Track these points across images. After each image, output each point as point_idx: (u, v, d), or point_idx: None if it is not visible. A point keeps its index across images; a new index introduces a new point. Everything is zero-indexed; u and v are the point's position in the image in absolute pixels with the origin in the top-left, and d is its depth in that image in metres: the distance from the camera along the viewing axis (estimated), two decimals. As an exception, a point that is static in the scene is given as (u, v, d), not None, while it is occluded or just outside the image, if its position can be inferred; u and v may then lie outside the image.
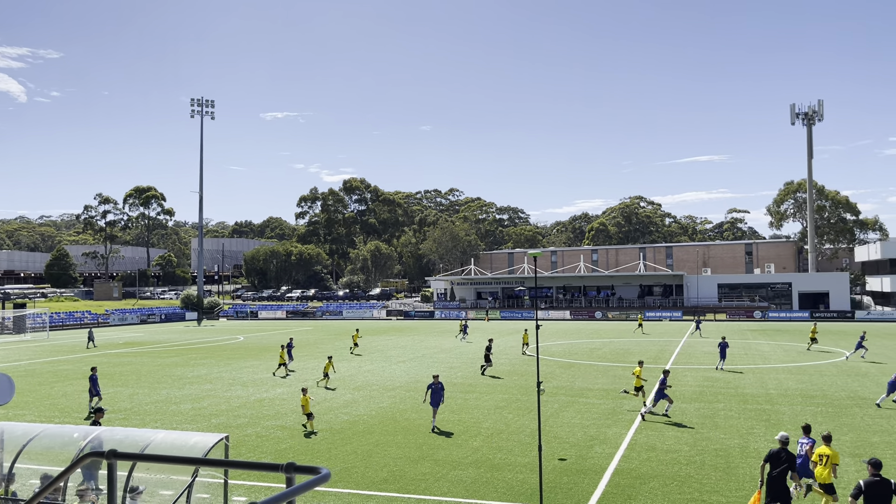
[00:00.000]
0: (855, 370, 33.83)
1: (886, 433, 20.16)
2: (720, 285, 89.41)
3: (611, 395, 27.41)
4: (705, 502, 14.28)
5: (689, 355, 41.45)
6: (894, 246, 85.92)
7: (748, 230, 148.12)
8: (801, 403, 25.01)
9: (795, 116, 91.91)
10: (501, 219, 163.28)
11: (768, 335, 56.67)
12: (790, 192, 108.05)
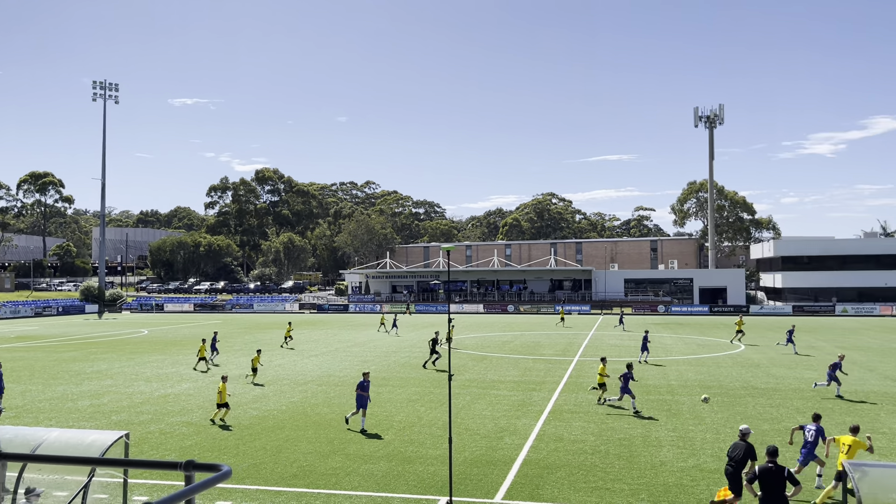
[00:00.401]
0: (749, 362, 35.75)
1: (776, 421, 21.41)
2: (627, 280, 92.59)
3: (521, 386, 27.95)
4: (609, 490, 14.78)
5: (596, 348, 42.74)
6: (786, 245, 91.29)
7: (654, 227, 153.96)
8: (700, 393, 26.20)
9: (699, 119, 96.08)
10: (418, 213, 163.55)
11: (671, 328, 59.12)
12: (693, 191, 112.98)
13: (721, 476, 15.67)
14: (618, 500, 14.16)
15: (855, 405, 23.84)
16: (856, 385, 27.99)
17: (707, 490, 14.70)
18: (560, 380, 29.75)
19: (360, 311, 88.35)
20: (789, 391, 26.64)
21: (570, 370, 32.75)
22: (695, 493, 14.56)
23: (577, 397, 25.48)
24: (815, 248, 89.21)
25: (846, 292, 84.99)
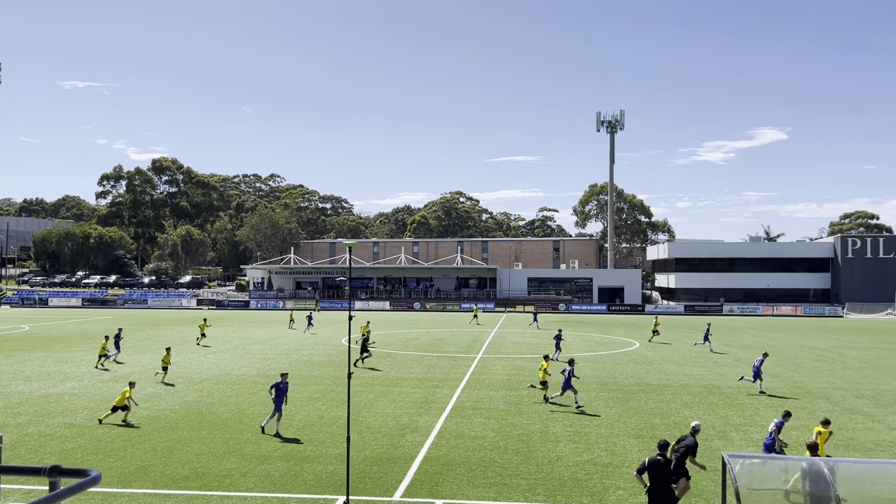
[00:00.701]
0: (643, 359, 37.21)
1: (665, 415, 22.35)
2: (530, 279, 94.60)
3: (424, 384, 28.00)
4: (506, 485, 14.98)
5: (500, 345, 43.41)
6: (679, 247, 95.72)
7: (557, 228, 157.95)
8: (596, 389, 27.05)
9: (601, 124, 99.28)
10: (324, 207, 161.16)
11: (571, 326, 60.79)
12: (594, 193, 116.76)
13: (613, 469, 16.19)
14: (515, 495, 14.37)
15: (737, 400, 25.20)
16: (737, 380, 29.60)
17: (600, 483, 15.14)
18: (463, 377, 30.00)
19: (262, 307, 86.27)
20: (678, 387, 27.89)
21: (472, 367, 33.08)
22: (588, 486, 14.96)
23: (480, 394, 25.76)
24: (706, 250, 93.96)
25: (733, 293, 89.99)
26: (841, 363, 35.88)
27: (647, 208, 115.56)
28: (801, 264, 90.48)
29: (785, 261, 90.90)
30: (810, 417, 22.10)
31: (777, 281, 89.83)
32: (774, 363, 35.55)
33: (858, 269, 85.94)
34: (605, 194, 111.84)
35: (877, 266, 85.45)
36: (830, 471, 10.80)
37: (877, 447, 18.49)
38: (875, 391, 27.27)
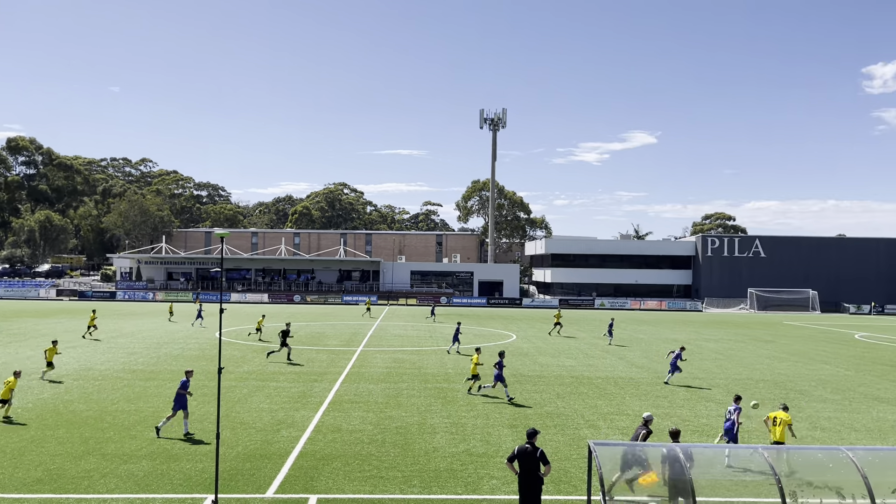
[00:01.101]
0: (519, 350, 38.28)
1: (539, 405, 23.10)
2: (413, 272, 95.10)
3: (302, 378, 27.50)
4: (383, 478, 14.98)
5: (381, 339, 43.35)
6: (556, 243, 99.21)
7: (440, 222, 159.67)
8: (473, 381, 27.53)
9: (484, 121, 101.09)
10: (200, 195, 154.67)
11: (452, 319, 61.61)
12: (476, 189, 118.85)
13: (488, 459, 16.56)
14: (391, 487, 14.39)
15: (605, 390, 26.42)
16: (606, 371, 31.08)
17: (475, 473, 15.44)
18: (342, 370, 29.72)
19: (130, 298, 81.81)
20: (552, 378, 28.90)
21: (353, 360, 32.84)
22: (463, 476, 15.22)
23: (359, 387, 25.60)
24: (580, 247, 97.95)
25: (604, 287, 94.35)
26: (699, 354, 38.41)
27: (527, 205, 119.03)
28: (666, 261, 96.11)
29: (652, 258, 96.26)
30: (671, 406, 23.52)
31: (644, 277, 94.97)
32: (640, 355, 37.56)
33: (717, 266, 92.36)
34: (487, 190, 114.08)
35: (732, 264, 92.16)
36: (686, 456, 11.52)
37: (727, 432, 19.92)
38: (727, 380, 29.39)
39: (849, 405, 24.28)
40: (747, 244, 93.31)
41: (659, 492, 12.53)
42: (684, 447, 11.96)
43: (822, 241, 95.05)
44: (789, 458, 12.36)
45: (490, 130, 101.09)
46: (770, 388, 27.49)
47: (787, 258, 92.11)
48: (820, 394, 26.46)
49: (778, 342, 46.45)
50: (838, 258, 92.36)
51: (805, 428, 20.47)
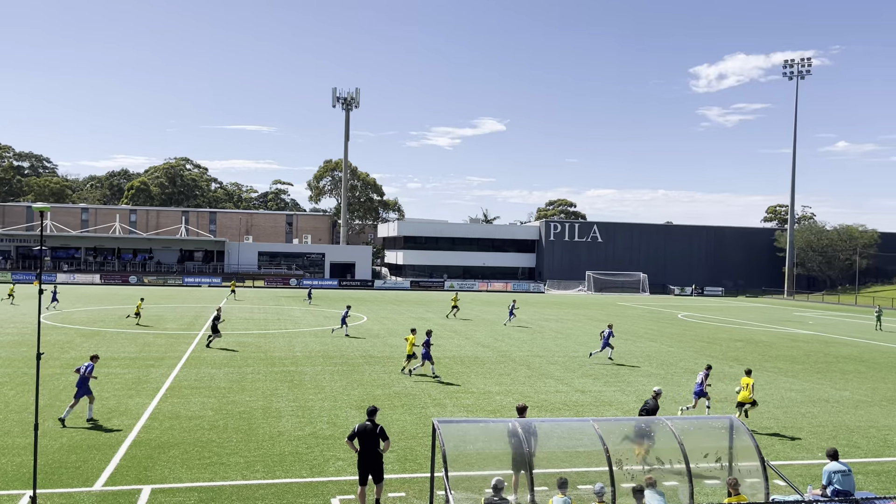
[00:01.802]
0: (369, 332, 38.30)
1: (387, 386, 23.25)
2: (261, 253, 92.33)
3: (137, 363, 25.93)
4: (224, 464, 14.46)
5: (225, 321, 41.78)
6: (408, 226, 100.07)
7: (291, 202, 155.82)
8: (322, 364, 27.26)
9: (336, 100, 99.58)
10: (21, 166, 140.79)
11: (301, 301, 60.54)
12: (329, 169, 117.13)
13: (335, 441, 16.45)
14: (232, 474, 13.93)
15: (451, 369, 27.04)
16: (453, 351, 31.84)
17: (321, 455, 15.28)
18: (182, 355, 28.34)
19: (-63, 279, 73.29)
20: (401, 359, 29.15)
21: (194, 344, 31.41)
22: (309, 459, 15.02)
23: (200, 372, 24.53)
24: (432, 230, 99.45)
25: (454, 270, 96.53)
26: (540, 334, 40.28)
27: (380, 187, 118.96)
28: (512, 245, 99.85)
29: (499, 241, 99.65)
30: (513, 383, 24.50)
31: (492, 259, 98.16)
32: (486, 335, 38.80)
33: (558, 250, 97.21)
34: (339, 171, 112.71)
35: (573, 248, 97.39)
36: (526, 430, 12.02)
37: (564, 407, 21.08)
38: (566, 358, 31.06)
39: (671, 378, 26.44)
40: (586, 229, 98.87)
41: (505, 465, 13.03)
42: (525, 422, 12.48)
43: (653, 228, 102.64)
44: (618, 429, 13.26)
45: (343, 110, 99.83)
46: (603, 364, 29.35)
47: (621, 243, 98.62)
48: (647, 369, 28.61)
49: (611, 321, 49.72)
50: (666, 244, 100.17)
51: (633, 401, 22.06)
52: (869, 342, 40.24)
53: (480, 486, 12.83)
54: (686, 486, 11.60)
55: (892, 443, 17.85)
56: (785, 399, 23.00)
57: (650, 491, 11.13)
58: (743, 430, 12.30)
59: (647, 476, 11.44)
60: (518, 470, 12.62)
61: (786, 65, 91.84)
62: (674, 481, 12.78)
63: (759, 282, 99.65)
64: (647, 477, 11.42)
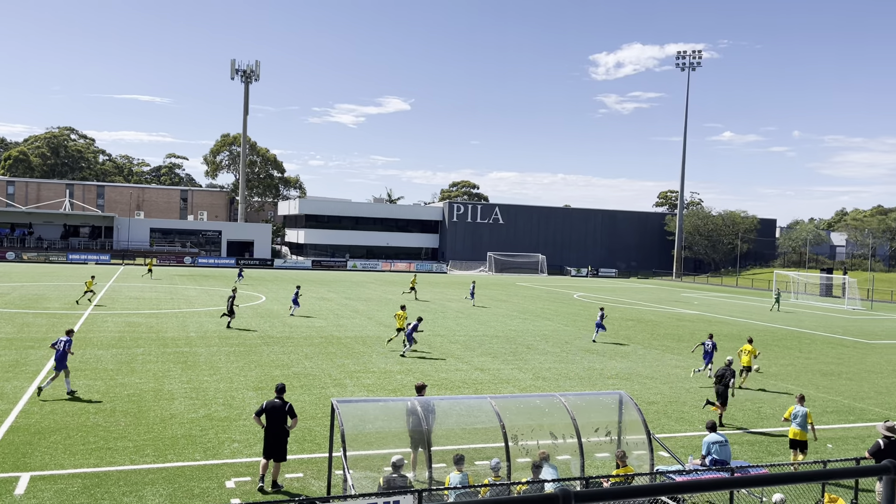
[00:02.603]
0: (269, 312, 37.50)
1: (286, 366, 22.88)
2: (153, 229, 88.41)
3: (15, 345, 24.36)
4: (111, 449, 13.85)
5: (113, 301, 39.87)
6: (310, 204, 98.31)
7: (186, 177, 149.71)
8: (218, 344, 26.50)
9: (235, 72, 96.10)
10: None
11: (196, 280, 58.50)
12: (226, 144, 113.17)
13: (230, 423, 16.06)
14: (120, 458, 13.36)
15: (353, 349, 26.92)
16: (355, 331, 31.68)
17: (216, 438, 14.88)
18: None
19: None
20: (301, 339, 28.77)
21: (78, 324, 29.79)
22: (202, 442, 14.60)
23: (85, 353, 23.30)
24: (335, 208, 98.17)
25: (357, 249, 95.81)
26: (442, 314, 40.67)
27: (281, 163, 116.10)
28: (416, 225, 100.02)
29: (403, 221, 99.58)
30: (414, 362, 24.64)
31: (396, 239, 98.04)
32: (388, 315, 38.79)
33: (461, 231, 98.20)
34: (238, 145, 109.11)
35: (475, 229, 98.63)
36: (425, 408, 12.13)
37: (464, 385, 21.42)
38: (466, 337, 31.52)
39: (566, 357, 27.35)
40: (488, 211, 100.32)
41: (404, 443, 13.11)
42: (424, 401, 12.59)
43: (551, 211, 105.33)
44: (515, 405, 13.60)
45: (242, 83, 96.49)
46: (502, 343, 30.00)
47: (521, 225, 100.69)
48: (543, 347, 29.46)
49: (511, 301, 50.76)
50: (563, 226, 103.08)
51: (529, 378, 22.68)
52: (747, 321, 42.98)
53: (380, 465, 12.87)
54: (578, 459, 12.06)
55: (765, 414, 19.19)
56: (670, 375, 24.26)
57: (545, 465, 11.50)
58: (631, 405, 12.89)
59: (542, 451, 11.80)
60: (417, 448, 12.75)
61: (678, 56, 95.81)
62: (567, 455, 13.25)
63: (651, 264, 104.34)
64: (541, 452, 11.78)
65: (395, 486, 10.48)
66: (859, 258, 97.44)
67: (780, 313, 49.01)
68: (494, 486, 10.63)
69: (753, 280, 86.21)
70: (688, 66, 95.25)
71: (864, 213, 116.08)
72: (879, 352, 31.71)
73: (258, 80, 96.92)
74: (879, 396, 22.00)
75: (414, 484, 11.71)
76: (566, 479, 11.32)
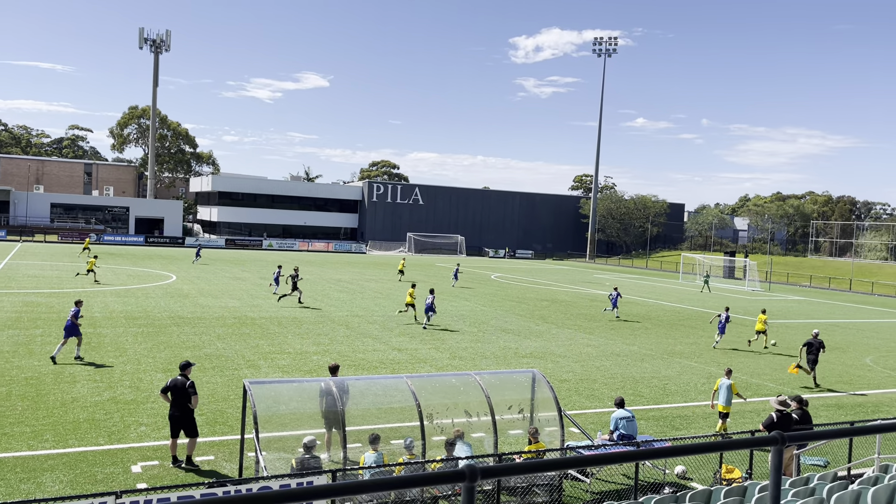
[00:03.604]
0: (179, 292, 36.32)
1: (197, 348, 22.25)
2: (54, 205, 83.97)
3: None
4: (6, 434, 13.15)
5: (9, 279, 37.70)
6: (223, 181, 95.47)
7: (91, 150, 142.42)
8: (125, 325, 25.50)
9: (144, 41, 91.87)
10: None
11: (101, 259, 55.95)
12: (135, 116, 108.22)
13: (137, 406, 15.50)
14: (16, 444, 12.69)
15: (268, 330, 26.42)
16: (270, 312, 31.10)
17: (121, 421, 14.34)
18: None
19: None
20: (213, 319, 28.02)
21: (-30, 304, 28.02)
22: (107, 426, 14.05)
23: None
24: (250, 186, 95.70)
25: (274, 228, 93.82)
26: (360, 294, 40.44)
27: (193, 138, 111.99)
28: (334, 204, 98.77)
29: (321, 200, 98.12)
30: (331, 342, 24.43)
31: (313, 219, 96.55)
32: (305, 294, 38.27)
33: (381, 211, 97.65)
34: (146, 118, 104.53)
35: (395, 209, 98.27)
36: (340, 389, 12.05)
37: (381, 365, 21.40)
38: (384, 318, 31.46)
39: (482, 336, 27.71)
40: (408, 192, 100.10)
41: (318, 424, 12.99)
42: (339, 381, 12.50)
43: (471, 192, 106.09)
44: (431, 385, 13.70)
45: (152, 52, 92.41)
46: (430, 323, 30.10)
47: (441, 206, 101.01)
48: (460, 327, 29.75)
49: (429, 282, 50.98)
50: (483, 208, 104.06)
51: (446, 358, 22.88)
52: (656, 302, 44.68)
53: (293, 446, 12.71)
54: (492, 436, 12.27)
55: (670, 391, 20.04)
56: (582, 354, 24.99)
57: (459, 443, 11.64)
58: (544, 383, 13.19)
59: (456, 429, 11.94)
60: (331, 428, 12.67)
61: (595, 42, 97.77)
62: (481, 432, 13.46)
63: (566, 245, 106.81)
64: (455, 430, 11.92)
65: (308, 467, 10.40)
66: (760, 242, 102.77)
67: (703, 294, 51.17)
68: (409, 465, 10.69)
69: (662, 262, 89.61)
70: (604, 53, 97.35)
71: (764, 199, 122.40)
72: (775, 331, 33.60)
73: (169, 50, 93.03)
74: (774, 372, 23.34)
75: (328, 465, 11.64)
76: (480, 456, 11.50)
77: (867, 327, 36.13)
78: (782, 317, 39.78)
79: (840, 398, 20.35)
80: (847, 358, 26.93)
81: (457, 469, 2.57)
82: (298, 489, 2.61)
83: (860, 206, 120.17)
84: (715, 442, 4.80)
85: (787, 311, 42.95)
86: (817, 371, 22.00)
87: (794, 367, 20.85)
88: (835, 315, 42.21)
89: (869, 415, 18.38)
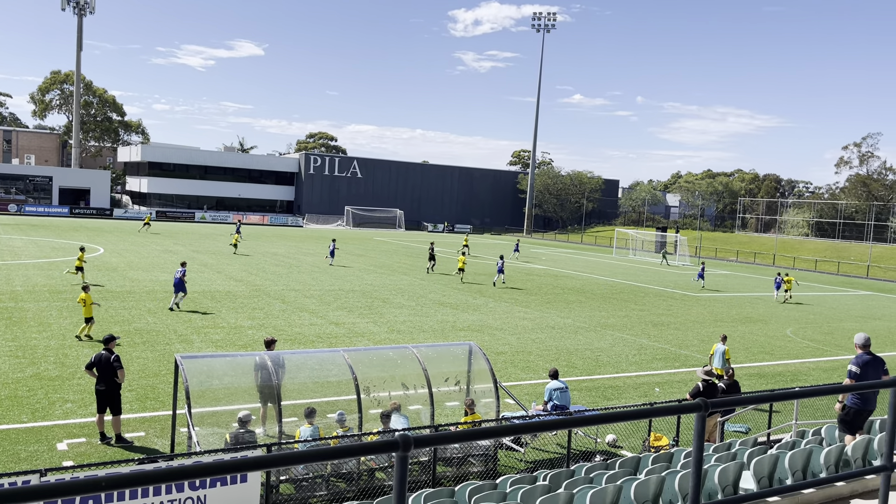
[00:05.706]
0: (107, 265, 35.12)
1: (127, 322, 21.60)
2: (-29, 174, 79.70)
3: None
4: (-81, 415, 12.53)
5: (-78, 251, 35.72)
6: (153, 150, 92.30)
7: (10, 116, 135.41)
8: (49, 299, 24.56)
9: (66, 2, 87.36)
10: None
11: (22, 230, 53.61)
12: (57, 81, 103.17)
13: (63, 382, 15.00)
14: (-69, 425, 12.12)
15: (201, 304, 25.85)
16: (204, 285, 30.43)
17: (45, 398, 13.85)
18: None
19: None
20: (143, 293, 27.25)
21: None
22: (31, 403, 13.56)
23: None
24: (181, 156, 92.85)
25: (207, 200, 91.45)
26: (297, 268, 39.94)
27: (120, 106, 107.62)
28: (270, 176, 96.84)
29: (256, 172, 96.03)
30: (266, 317, 24.10)
31: (248, 191, 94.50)
32: (239, 269, 37.56)
33: (318, 184, 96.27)
34: (70, 84, 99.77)
35: (332, 182, 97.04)
36: (275, 363, 11.92)
37: (318, 339, 21.25)
38: (321, 291, 31.19)
39: (420, 310, 27.80)
40: (346, 164, 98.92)
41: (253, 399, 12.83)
42: (274, 355, 12.35)
43: (410, 166, 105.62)
44: (368, 358, 13.68)
45: (75, 14, 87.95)
46: (358, 297, 29.98)
47: (379, 179, 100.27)
48: (399, 301, 29.77)
49: (368, 256, 50.73)
50: (422, 182, 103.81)
51: (384, 332, 22.88)
52: (590, 276, 45.63)
53: (227, 421, 12.55)
54: (429, 408, 12.37)
55: (602, 362, 20.58)
56: (518, 327, 25.36)
57: (396, 415, 11.70)
58: (480, 356, 13.34)
59: (393, 402, 11.99)
60: (266, 403, 12.55)
61: (534, 17, 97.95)
62: (418, 405, 13.55)
63: (504, 220, 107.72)
64: (392, 402, 11.96)
65: (242, 442, 10.28)
66: (690, 218, 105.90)
67: (669, 267, 52.40)
68: (345, 438, 10.69)
69: (597, 237, 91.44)
70: (543, 28, 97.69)
71: (695, 176, 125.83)
72: (703, 304, 34.81)
73: (93, 12, 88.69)
74: (701, 344, 24.22)
75: (263, 439, 11.54)
76: (417, 428, 11.58)
77: (788, 300, 37.79)
78: (709, 291, 41.19)
79: (762, 368, 21.29)
80: (769, 329, 28.16)
81: (391, 439, 2.57)
82: (232, 461, 2.57)
83: (784, 184, 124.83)
84: (642, 409, 4.95)
85: (714, 286, 44.49)
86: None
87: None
88: (759, 289, 43.97)
89: (788, 383, 19.31)
